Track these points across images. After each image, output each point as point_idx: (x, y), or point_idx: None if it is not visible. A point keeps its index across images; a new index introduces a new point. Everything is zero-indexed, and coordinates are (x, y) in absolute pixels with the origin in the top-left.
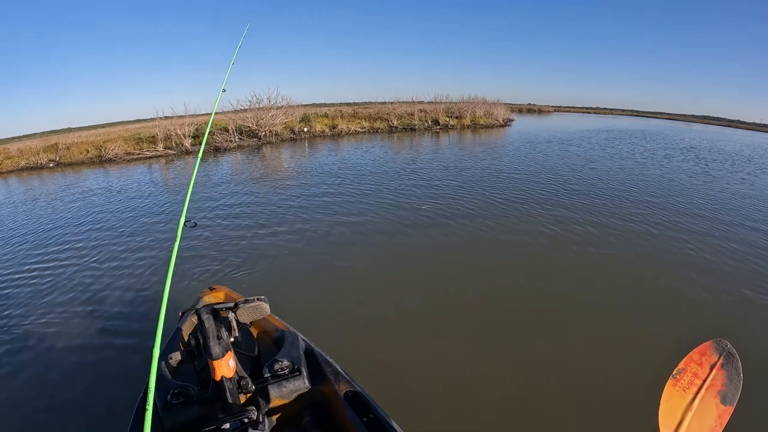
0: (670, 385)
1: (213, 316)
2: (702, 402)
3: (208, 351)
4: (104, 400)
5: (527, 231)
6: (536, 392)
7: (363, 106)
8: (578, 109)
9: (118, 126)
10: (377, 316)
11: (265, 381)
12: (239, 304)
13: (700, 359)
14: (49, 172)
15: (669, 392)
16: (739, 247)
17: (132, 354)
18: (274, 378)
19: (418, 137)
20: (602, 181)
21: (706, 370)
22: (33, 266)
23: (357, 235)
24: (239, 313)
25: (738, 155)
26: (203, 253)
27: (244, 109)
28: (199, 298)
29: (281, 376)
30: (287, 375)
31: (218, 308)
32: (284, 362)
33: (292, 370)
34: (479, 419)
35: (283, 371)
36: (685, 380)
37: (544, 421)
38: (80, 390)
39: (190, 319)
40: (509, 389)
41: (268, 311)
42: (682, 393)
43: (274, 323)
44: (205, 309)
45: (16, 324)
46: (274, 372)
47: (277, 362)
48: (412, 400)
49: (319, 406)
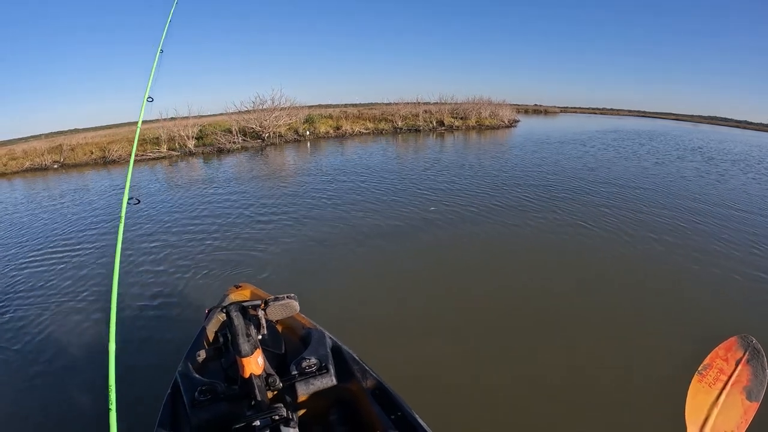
0: (695, 381)
1: (242, 314)
2: (727, 398)
3: (237, 348)
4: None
5: (547, 229)
6: (562, 389)
7: (368, 107)
8: (584, 109)
9: (125, 127)
10: (406, 313)
11: (292, 378)
12: (269, 302)
13: (726, 355)
14: (54, 173)
15: (695, 388)
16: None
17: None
18: (302, 375)
19: (423, 138)
20: (616, 180)
21: (732, 365)
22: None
23: (373, 235)
24: (269, 311)
25: (747, 155)
26: (226, 251)
27: (247, 110)
28: (225, 296)
29: (309, 374)
30: (315, 372)
31: (247, 306)
32: (311, 360)
33: (320, 367)
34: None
35: (310, 369)
36: (711, 376)
37: (574, 418)
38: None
39: (217, 317)
40: (535, 388)
41: (298, 309)
42: (708, 389)
43: (301, 321)
44: (234, 306)
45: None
46: (301, 369)
47: (304, 360)
48: (424, 397)
49: (346, 403)
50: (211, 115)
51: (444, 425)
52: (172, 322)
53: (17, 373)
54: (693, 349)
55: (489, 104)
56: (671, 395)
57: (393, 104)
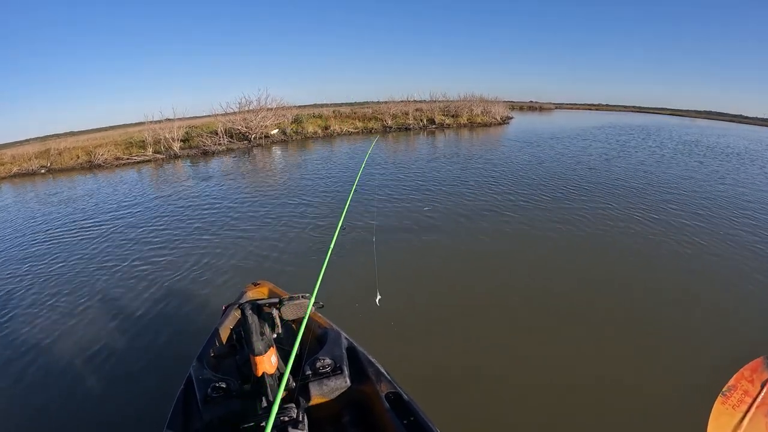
0: (719, 402)
1: (257, 312)
2: (751, 421)
3: (250, 347)
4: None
5: (561, 232)
6: (576, 409)
7: (361, 106)
8: (580, 106)
9: (119, 129)
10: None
11: (306, 378)
12: (284, 301)
13: (751, 376)
14: (42, 178)
15: (718, 410)
16: None
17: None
18: (316, 376)
19: (414, 137)
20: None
21: (757, 387)
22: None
23: (388, 234)
24: (283, 310)
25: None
26: (244, 248)
27: (234, 111)
28: (242, 293)
29: (323, 374)
30: (329, 373)
31: (262, 304)
32: (326, 360)
33: (334, 368)
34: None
35: (324, 369)
36: (735, 398)
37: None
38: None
39: (233, 314)
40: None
41: (313, 309)
42: (732, 411)
43: (317, 320)
44: (248, 305)
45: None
46: (315, 370)
47: (318, 360)
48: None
49: (359, 405)
50: (195, 117)
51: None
52: (189, 317)
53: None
54: (716, 367)
55: (481, 101)
56: (692, 412)
57: (383, 103)
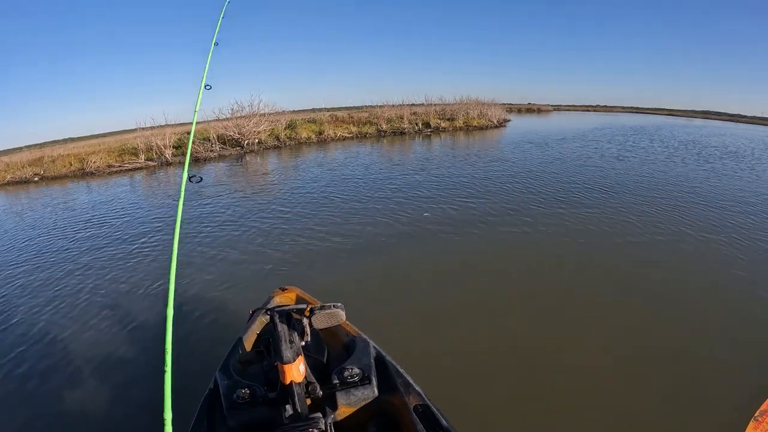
0: (751, 427)
1: (286, 320)
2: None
3: (279, 354)
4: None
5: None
6: (604, 401)
7: (358, 111)
8: (577, 107)
9: (116, 135)
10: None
11: (333, 387)
12: (315, 310)
13: None
14: (35, 186)
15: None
16: None
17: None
18: (343, 385)
19: (409, 141)
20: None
21: None
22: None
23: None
24: (314, 319)
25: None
26: (270, 253)
27: (226, 117)
28: (270, 298)
29: (350, 384)
30: (356, 383)
31: (292, 312)
32: (354, 369)
33: (362, 378)
34: None
35: (352, 379)
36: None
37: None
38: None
39: (260, 319)
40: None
41: (344, 319)
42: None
43: (345, 328)
44: (278, 312)
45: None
46: (343, 379)
47: (346, 369)
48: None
49: (386, 416)
50: (187, 123)
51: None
52: (215, 320)
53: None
54: (749, 391)
55: (477, 104)
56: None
57: (377, 107)
